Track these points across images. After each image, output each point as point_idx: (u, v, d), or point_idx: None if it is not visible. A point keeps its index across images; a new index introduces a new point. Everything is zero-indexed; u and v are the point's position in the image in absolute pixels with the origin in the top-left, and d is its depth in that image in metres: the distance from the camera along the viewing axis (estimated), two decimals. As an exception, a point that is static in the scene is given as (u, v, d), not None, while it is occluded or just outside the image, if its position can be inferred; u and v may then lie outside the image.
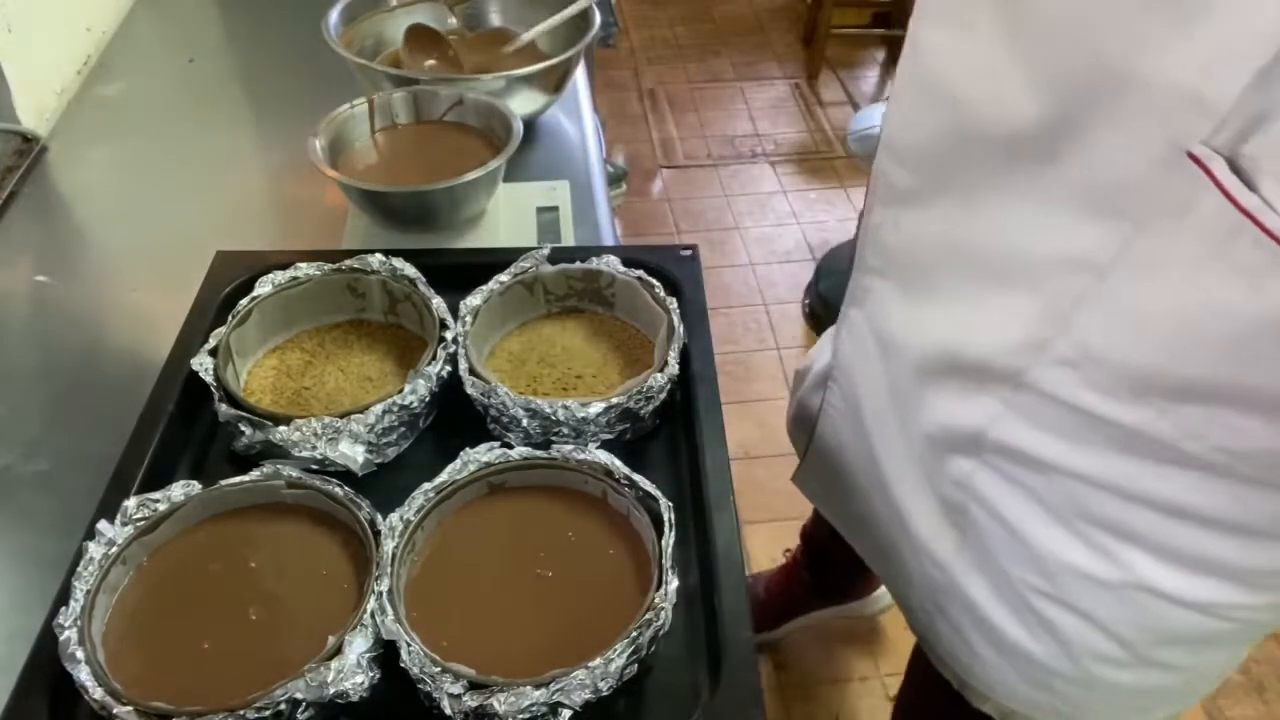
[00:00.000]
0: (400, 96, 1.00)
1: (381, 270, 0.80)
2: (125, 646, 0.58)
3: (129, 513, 0.62)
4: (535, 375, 0.77)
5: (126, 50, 1.34)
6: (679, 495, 0.67)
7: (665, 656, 0.59)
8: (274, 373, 0.77)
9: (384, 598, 0.58)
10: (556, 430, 0.70)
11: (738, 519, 0.64)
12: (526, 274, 0.80)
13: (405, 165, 0.97)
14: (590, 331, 0.81)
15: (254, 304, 0.77)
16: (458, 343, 0.75)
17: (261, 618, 0.60)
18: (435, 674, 0.54)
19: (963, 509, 0.68)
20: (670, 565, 0.58)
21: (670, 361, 0.73)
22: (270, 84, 1.28)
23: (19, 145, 1.12)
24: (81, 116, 1.21)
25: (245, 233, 1.02)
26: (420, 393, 0.70)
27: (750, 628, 0.58)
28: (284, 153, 1.13)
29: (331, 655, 0.55)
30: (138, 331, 0.93)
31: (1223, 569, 0.58)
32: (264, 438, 0.68)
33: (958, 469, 0.66)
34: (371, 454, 0.70)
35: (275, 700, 0.53)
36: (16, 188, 1.07)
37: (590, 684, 0.53)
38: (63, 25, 1.26)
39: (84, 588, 0.58)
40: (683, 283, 0.82)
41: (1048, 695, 0.71)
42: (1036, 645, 0.68)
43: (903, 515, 0.74)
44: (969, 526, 0.68)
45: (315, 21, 1.10)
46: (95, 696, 0.53)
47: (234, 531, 0.65)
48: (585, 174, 1.09)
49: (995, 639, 0.71)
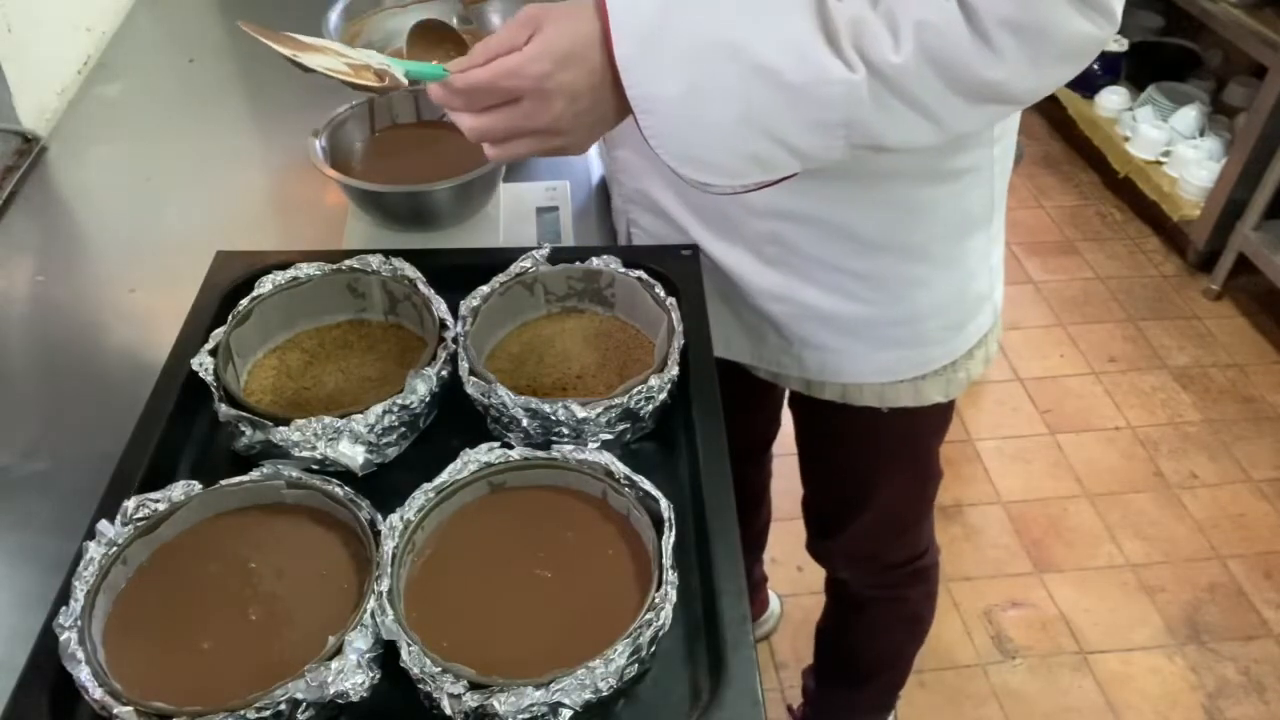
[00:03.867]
0: (400, 97, 1.00)
1: (382, 270, 0.80)
2: (125, 646, 0.58)
3: (129, 513, 0.62)
4: (535, 375, 0.77)
5: (126, 50, 1.34)
6: (679, 495, 0.67)
7: (665, 656, 0.59)
8: (274, 373, 0.77)
9: (384, 598, 0.58)
10: (556, 430, 0.70)
11: (738, 519, 0.64)
12: (526, 274, 0.80)
13: (405, 165, 0.97)
14: (590, 331, 0.81)
15: (254, 304, 0.77)
16: (458, 343, 0.75)
17: (261, 618, 0.60)
18: (435, 674, 0.54)
19: (773, 237, 0.82)
20: (670, 565, 0.58)
21: (670, 361, 0.73)
22: (270, 84, 1.28)
23: (19, 145, 1.12)
24: (81, 116, 1.21)
25: (245, 233, 1.02)
26: (420, 393, 0.70)
27: (750, 628, 0.58)
28: (284, 153, 1.13)
29: (331, 655, 0.55)
30: (138, 331, 0.93)
31: None
32: (264, 438, 0.68)
33: (753, 203, 0.78)
34: (371, 454, 0.70)
35: (275, 700, 0.53)
36: (16, 188, 1.07)
37: (590, 684, 0.53)
38: (63, 25, 1.26)
39: (84, 588, 0.58)
40: (683, 283, 0.81)
41: (892, 349, 0.88)
42: (863, 305, 0.85)
43: (734, 276, 0.87)
44: (781, 250, 0.83)
45: (315, 21, 1.10)
46: (95, 696, 0.53)
47: (234, 531, 0.65)
48: (585, 174, 1.09)
49: (837, 325, 0.87)
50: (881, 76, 0.60)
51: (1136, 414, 2.07)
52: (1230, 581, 1.77)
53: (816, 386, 0.96)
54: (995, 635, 1.69)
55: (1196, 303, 2.34)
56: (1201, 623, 1.71)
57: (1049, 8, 0.58)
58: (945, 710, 1.57)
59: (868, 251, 0.83)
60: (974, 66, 0.59)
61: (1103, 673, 1.64)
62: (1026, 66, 0.60)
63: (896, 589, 1.23)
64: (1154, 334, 2.26)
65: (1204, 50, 2.59)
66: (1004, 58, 0.59)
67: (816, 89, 0.60)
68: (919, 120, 0.63)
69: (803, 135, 0.63)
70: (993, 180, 0.84)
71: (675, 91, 0.61)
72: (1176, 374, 2.16)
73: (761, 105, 0.61)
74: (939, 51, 0.59)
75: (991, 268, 0.91)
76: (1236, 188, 2.18)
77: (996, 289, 0.94)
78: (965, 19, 0.58)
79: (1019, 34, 0.58)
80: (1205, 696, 1.61)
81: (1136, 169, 2.44)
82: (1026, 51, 0.59)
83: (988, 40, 0.58)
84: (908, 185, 0.79)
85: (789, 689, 1.61)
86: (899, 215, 0.81)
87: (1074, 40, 0.60)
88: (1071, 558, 1.80)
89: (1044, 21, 0.58)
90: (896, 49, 0.59)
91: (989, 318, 0.94)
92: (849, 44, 0.59)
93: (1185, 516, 1.88)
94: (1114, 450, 2.00)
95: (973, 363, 0.95)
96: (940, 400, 0.95)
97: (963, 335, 0.92)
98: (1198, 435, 2.03)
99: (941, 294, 0.87)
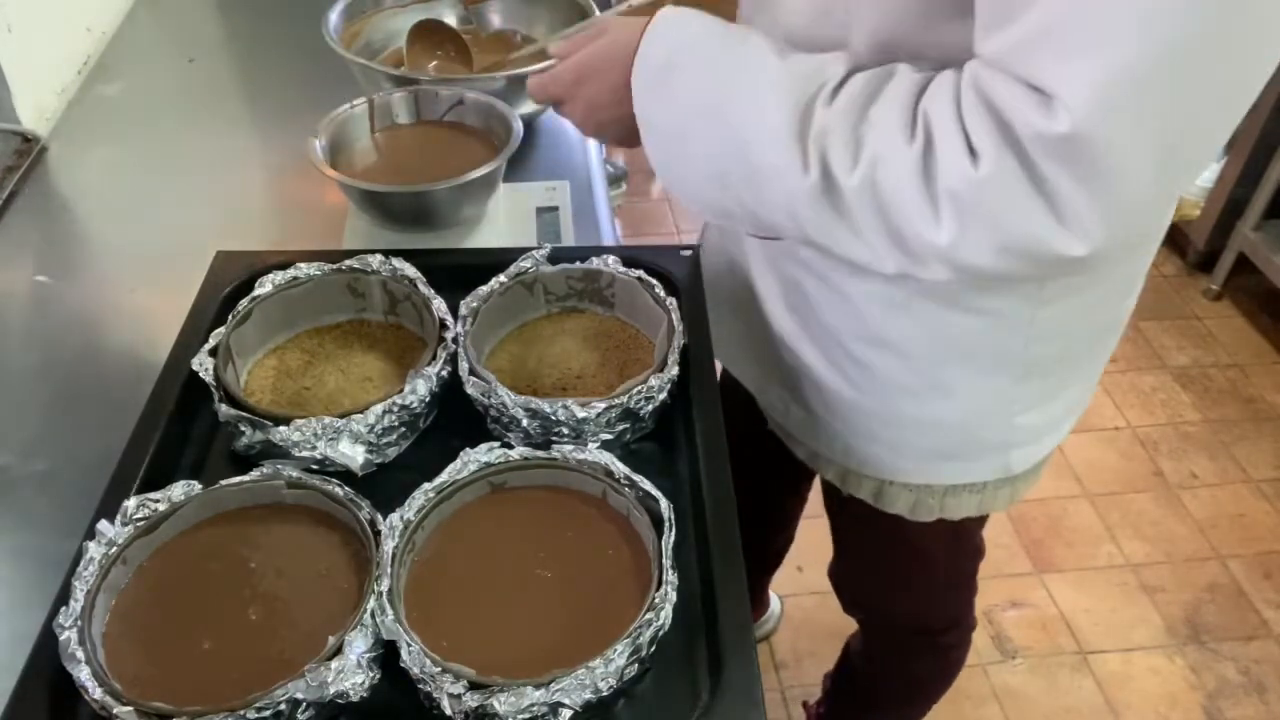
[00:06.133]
0: (400, 97, 1.00)
1: (381, 270, 0.80)
2: (125, 646, 0.58)
3: (129, 513, 0.62)
4: (535, 375, 0.77)
5: (126, 50, 1.34)
6: (679, 495, 0.67)
7: (665, 656, 0.59)
8: (274, 373, 0.77)
9: (384, 598, 0.58)
10: (556, 430, 0.70)
11: (738, 519, 0.64)
12: (526, 274, 0.80)
13: (405, 165, 0.97)
14: (590, 331, 0.81)
15: (254, 304, 0.77)
16: (458, 343, 0.75)
17: (261, 618, 0.60)
18: (435, 674, 0.54)
19: (798, 285, 0.80)
20: (670, 565, 0.58)
21: (670, 361, 0.73)
22: (270, 84, 1.28)
23: (19, 145, 1.12)
24: (81, 116, 1.21)
25: (245, 233, 1.02)
26: (420, 393, 0.70)
27: (750, 628, 0.58)
28: (284, 153, 1.13)
29: (331, 655, 0.55)
30: (138, 331, 0.93)
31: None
32: (264, 438, 0.68)
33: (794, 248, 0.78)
34: (371, 454, 0.70)
35: (275, 700, 0.53)
36: (16, 188, 1.07)
37: (590, 684, 0.53)
38: (63, 25, 1.26)
39: (84, 588, 0.58)
40: (683, 283, 0.82)
41: (866, 443, 0.85)
42: (852, 390, 0.82)
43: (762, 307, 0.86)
44: (803, 301, 0.81)
45: (315, 21, 1.10)
46: (95, 696, 0.53)
47: (234, 531, 0.65)
48: (585, 174, 1.09)
49: (825, 399, 0.85)
50: (831, 187, 0.59)
51: (1136, 414, 2.07)
52: (1230, 581, 1.77)
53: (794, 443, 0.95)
54: (995, 635, 1.69)
55: (1196, 303, 2.34)
56: (1201, 623, 1.71)
57: (1007, 200, 0.54)
58: (945, 710, 1.56)
59: (873, 342, 0.78)
60: (914, 221, 0.57)
61: (1103, 673, 1.64)
62: (972, 247, 0.56)
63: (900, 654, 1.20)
64: (1154, 334, 2.26)
65: (1204, 50, 2.59)
66: (944, 227, 0.56)
67: (772, 173, 0.61)
68: (858, 244, 0.61)
69: (762, 209, 0.64)
70: (1028, 339, 0.75)
71: (670, 127, 0.67)
72: (1176, 374, 2.16)
73: (729, 170, 0.64)
74: (885, 191, 0.57)
75: (1014, 426, 0.82)
76: (1236, 188, 2.18)
77: (1015, 453, 0.85)
78: (920, 173, 0.56)
79: (963, 211, 0.55)
80: (1205, 696, 1.61)
81: (1136, 169, 2.44)
82: (972, 233, 0.56)
83: (934, 203, 0.56)
84: (931, 304, 0.73)
85: (789, 689, 1.62)
86: (915, 326, 0.76)
87: (1028, 243, 0.55)
88: (1071, 558, 1.80)
89: (996, 212, 0.54)
90: (851, 171, 0.58)
91: (993, 472, 0.86)
92: (814, 144, 0.59)
93: (1185, 516, 1.88)
94: (1114, 450, 2.00)
95: (954, 501, 0.88)
96: (904, 515, 0.90)
97: (946, 468, 0.86)
98: (1198, 435, 2.03)
99: (928, 414, 0.81)
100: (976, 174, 0.54)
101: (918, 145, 0.56)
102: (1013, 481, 0.88)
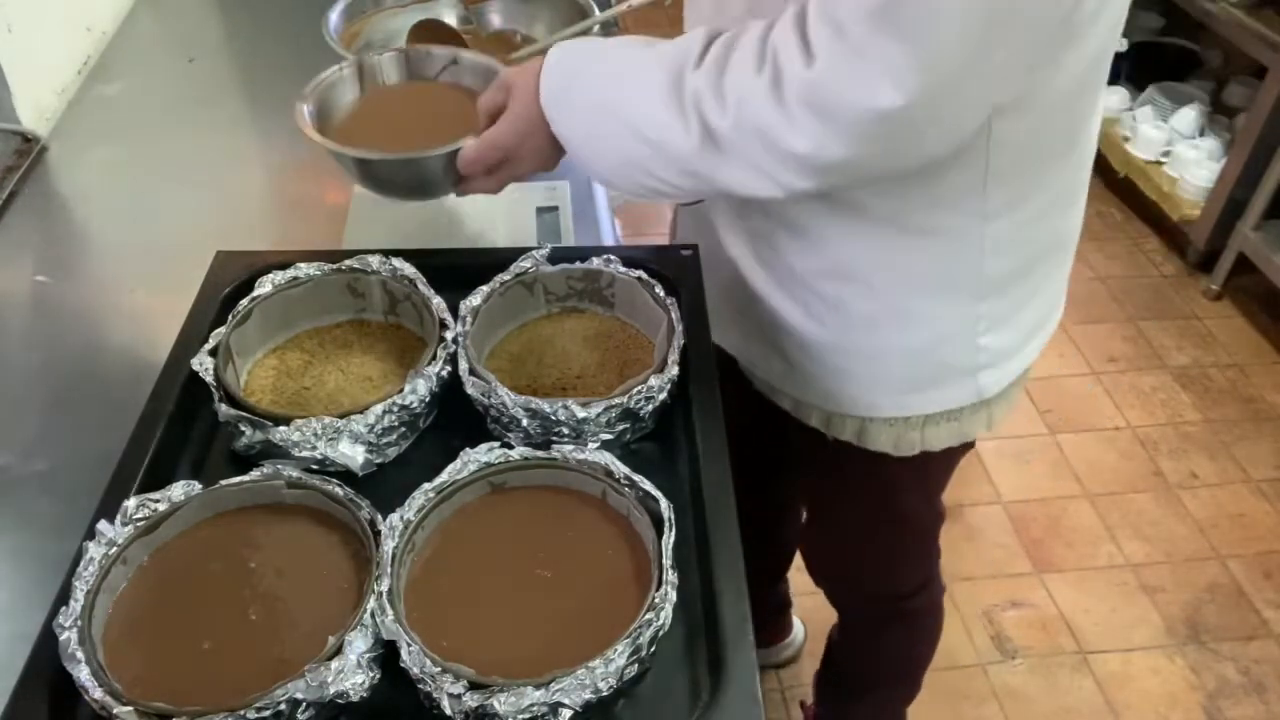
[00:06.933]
0: (390, 57, 0.93)
1: (381, 270, 0.80)
2: (125, 647, 0.58)
3: (129, 513, 0.62)
4: (535, 375, 0.77)
5: (126, 50, 1.34)
6: (679, 495, 0.67)
7: (665, 656, 0.59)
8: (274, 373, 0.77)
9: (384, 598, 0.58)
10: (556, 430, 0.70)
11: (738, 519, 0.64)
12: (526, 274, 0.80)
13: (399, 129, 0.90)
14: (590, 331, 0.81)
15: (254, 304, 0.77)
16: (458, 343, 0.75)
17: (261, 618, 0.60)
18: (435, 674, 0.54)
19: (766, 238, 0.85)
20: (670, 565, 0.58)
21: (670, 361, 0.73)
22: (270, 84, 1.28)
23: (19, 145, 1.12)
24: (81, 116, 1.21)
25: (245, 233, 1.02)
26: (420, 393, 0.70)
27: (750, 628, 0.58)
28: (284, 153, 1.13)
29: (331, 655, 0.55)
30: (138, 331, 0.93)
31: None
32: (264, 438, 0.68)
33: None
34: (371, 454, 0.70)
35: (275, 700, 0.53)
36: (16, 188, 1.07)
37: (590, 684, 0.53)
38: (63, 25, 1.26)
39: (84, 588, 0.58)
40: (682, 283, 0.82)
41: (844, 383, 0.89)
42: (824, 330, 0.86)
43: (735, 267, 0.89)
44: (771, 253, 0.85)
45: (315, 21, 1.10)
46: (95, 696, 0.53)
47: (234, 531, 0.65)
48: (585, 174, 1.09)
49: (802, 344, 0.89)
50: (711, 136, 0.68)
51: (1136, 414, 2.07)
52: (1230, 581, 1.77)
53: (778, 395, 0.96)
54: (995, 635, 1.69)
55: (1196, 303, 2.34)
56: (1201, 623, 1.71)
57: (841, 81, 0.62)
58: (945, 710, 1.57)
59: (837, 276, 0.82)
60: (782, 139, 0.65)
61: (1102, 673, 1.64)
62: (831, 141, 0.64)
63: (873, 622, 1.21)
64: (1154, 334, 2.26)
65: (1204, 50, 2.59)
66: (803, 132, 0.64)
67: (665, 144, 0.70)
68: (754, 177, 0.69)
69: (671, 177, 0.73)
70: (982, 255, 0.80)
71: (581, 135, 0.75)
72: (1176, 374, 2.16)
73: (634, 152, 0.73)
74: (750, 122, 0.66)
75: (979, 347, 0.86)
76: (1236, 188, 2.18)
77: (986, 374, 0.89)
78: (772, 94, 0.65)
79: (812, 111, 0.64)
80: (1205, 696, 1.61)
81: (1136, 169, 2.44)
82: (826, 126, 0.64)
83: (789, 115, 0.64)
84: (883, 227, 0.78)
85: (789, 689, 1.61)
86: (873, 252, 0.80)
87: (863, 113, 0.63)
88: (1071, 558, 1.80)
89: (835, 95, 0.63)
90: (723, 116, 0.67)
91: (966, 396, 0.89)
92: (691, 107, 0.68)
93: (1185, 516, 1.88)
94: (1114, 450, 2.00)
95: (934, 431, 0.91)
96: (889, 451, 0.92)
97: (920, 398, 0.89)
98: (1197, 435, 2.03)
99: (896, 343, 0.85)
100: (812, 72, 0.62)
101: (767, 72, 0.65)
102: (988, 405, 0.92)
